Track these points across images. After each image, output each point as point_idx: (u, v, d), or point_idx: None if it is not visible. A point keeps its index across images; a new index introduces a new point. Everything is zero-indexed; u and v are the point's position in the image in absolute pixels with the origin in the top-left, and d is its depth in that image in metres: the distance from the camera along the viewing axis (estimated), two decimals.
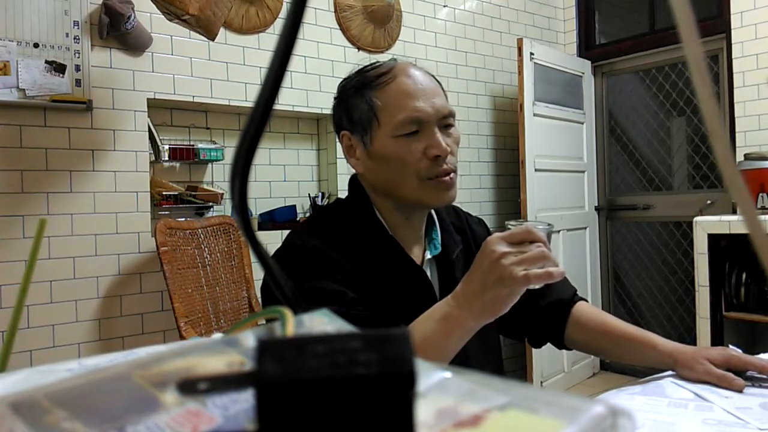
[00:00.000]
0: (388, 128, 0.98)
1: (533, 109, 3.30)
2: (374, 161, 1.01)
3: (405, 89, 0.98)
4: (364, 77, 1.02)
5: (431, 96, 0.99)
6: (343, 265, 0.97)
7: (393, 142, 0.98)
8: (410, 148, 0.97)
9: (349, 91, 1.03)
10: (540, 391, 0.28)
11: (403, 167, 0.98)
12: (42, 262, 2.16)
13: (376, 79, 1.00)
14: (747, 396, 0.88)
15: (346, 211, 1.07)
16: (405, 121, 0.97)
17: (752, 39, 3.08)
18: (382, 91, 0.99)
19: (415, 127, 0.97)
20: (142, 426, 0.25)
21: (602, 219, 3.91)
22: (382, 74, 1.00)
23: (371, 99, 0.99)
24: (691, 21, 0.26)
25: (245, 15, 2.66)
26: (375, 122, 0.99)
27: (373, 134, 0.99)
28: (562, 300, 1.13)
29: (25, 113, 2.15)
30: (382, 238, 1.03)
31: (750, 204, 0.29)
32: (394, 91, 0.98)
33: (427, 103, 0.98)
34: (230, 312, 2.44)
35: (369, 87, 1.00)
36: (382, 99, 0.98)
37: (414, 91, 0.98)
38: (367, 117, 0.99)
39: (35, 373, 0.33)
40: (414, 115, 0.97)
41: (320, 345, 0.24)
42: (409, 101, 0.97)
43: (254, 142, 0.30)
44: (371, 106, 0.99)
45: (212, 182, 2.71)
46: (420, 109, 0.97)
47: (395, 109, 0.97)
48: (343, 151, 1.07)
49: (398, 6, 3.16)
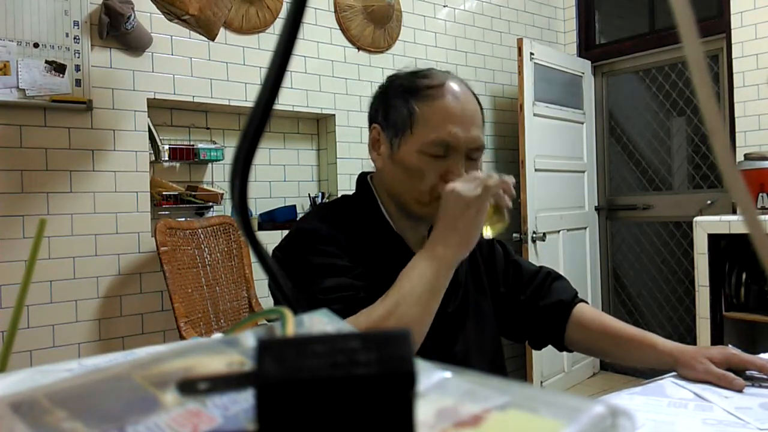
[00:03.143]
0: (418, 141, 0.97)
1: (533, 109, 3.30)
2: (394, 165, 1.01)
3: (448, 110, 0.97)
4: (414, 82, 1.00)
5: (470, 124, 0.98)
6: (349, 249, 0.98)
7: (418, 156, 0.97)
8: (431, 168, 0.97)
9: (394, 90, 1.02)
10: (540, 391, 0.28)
11: (418, 182, 0.98)
12: (42, 262, 2.16)
13: (425, 90, 0.99)
14: (747, 396, 0.88)
15: (352, 206, 1.07)
16: (436, 142, 0.96)
17: (752, 39, 3.08)
18: (425, 104, 0.98)
19: (443, 150, 0.97)
20: (142, 426, 0.25)
21: (602, 219, 3.91)
22: (432, 86, 0.99)
23: (413, 107, 0.98)
24: (691, 21, 0.26)
25: (245, 15, 2.66)
26: (408, 130, 0.98)
27: (403, 140, 0.99)
28: (563, 301, 1.13)
29: (25, 113, 2.15)
30: (387, 234, 1.03)
31: (750, 204, 0.29)
32: (437, 108, 0.97)
33: (463, 132, 0.97)
34: (230, 312, 2.44)
35: (415, 94, 0.99)
36: (423, 111, 0.98)
37: (455, 116, 0.97)
38: (403, 123, 0.99)
39: (35, 373, 0.33)
40: (446, 140, 0.96)
41: (320, 345, 0.24)
42: (448, 124, 0.97)
43: (254, 142, 0.30)
44: (410, 114, 0.98)
45: (212, 182, 2.71)
46: (454, 136, 0.96)
47: (432, 127, 0.97)
48: (369, 141, 1.06)
49: (398, 6, 3.16)
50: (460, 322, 1.06)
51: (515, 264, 1.18)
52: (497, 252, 1.18)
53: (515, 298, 1.15)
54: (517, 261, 1.19)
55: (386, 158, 1.02)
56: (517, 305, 1.15)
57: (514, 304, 1.15)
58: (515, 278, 1.17)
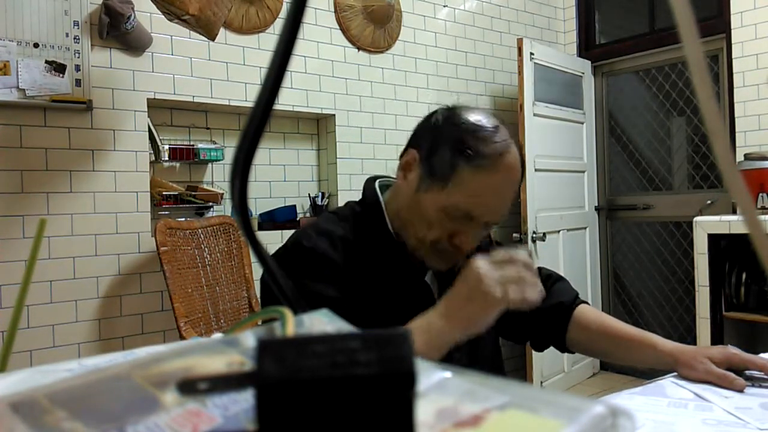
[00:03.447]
0: (446, 199, 0.94)
1: (533, 109, 3.30)
2: (414, 201, 0.98)
3: (492, 188, 0.94)
4: (473, 143, 0.93)
5: (503, 208, 0.97)
6: (345, 271, 0.97)
7: (438, 210, 0.95)
8: (445, 225, 0.96)
9: (450, 133, 0.96)
10: (540, 391, 0.28)
11: (427, 229, 0.97)
12: (42, 262, 2.16)
13: (478, 156, 0.92)
14: (747, 396, 0.88)
15: (357, 216, 1.06)
16: (463, 210, 0.94)
17: (752, 39, 3.08)
18: (473, 170, 0.92)
19: (465, 218, 0.95)
20: (142, 426, 0.25)
21: (602, 219, 3.91)
22: (487, 156, 0.93)
23: (458, 165, 0.93)
24: (691, 21, 0.26)
25: (245, 15, 2.66)
26: (443, 183, 0.95)
27: (432, 188, 0.96)
28: (564, 303, 1.13)
29: (25, 113, 2.15)
30: (390, 247, 1.03)
31: (750, 204, 0.29)
32: (482, 181, 0.93)
33: (494, 212, 0.96)
34: (230, 312, 2.44)
35: (466, 155, 0.93)
36: (466, 175, 0.93)
37: (496, 194, 0.95)
38: (442, 174, 0.95)
39: (35, 373, 0.33)
40: (474, 213, 0.94)
41: (320, 345, 0.24)
42: (484, 198, 0.94)
43: (254, 142, 0.30)
44: (452, 171, 0.93)
45: (212, 182, 2.71)
46: (483, 213, 0.94)
47: (467, 193, 0.93)
48: (400, 161, 1.02)
49: (398, 6, 3.16)
50: None
51: None
52: None
53: None
54: None
55: (410, 188, 0.99)
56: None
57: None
58: None
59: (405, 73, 3.22)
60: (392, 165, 1.17)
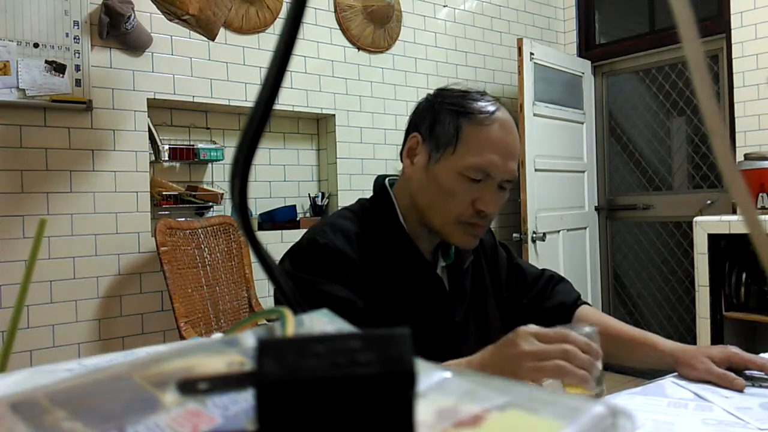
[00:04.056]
0: (458, 162, 0.97)
1: (533, 109, 3.30)
2: (428, 179, 1.00)
3: (495, 139, 0.98)
4: (466, 103, 1.00)
5: (510, 158, 0.99)
6: (360, 268, 0.97)
7: (454, 176, 0.98)
8: (465, 191, 0.98)
9: (444, 105, 1.01)
10: (540, 391, 0.28)
11: (448, 202, 0.98)
12: (42, 262, 2.16)
13: (476, 114, 0.98)
14: (747, 396, 0.88)
15: (369, 213, 1.07)
16: (477, 168, 0.97)
17: (752, 39, 3.08)
18: (474, 127, 0.98)
19: (481, 176, 0.97)
20: (142, 426, 0.25)
21: (602, 219, 3.91)
22: (484, 112, 0.99)
23: (461, 126, 0.98)
24: (691, 21, 0.26)
25: (245, 15, 2.66)
26: (451, 148, 0.98)
27: (443, 157, 0.99)
28: (565, 304, 1.14)
29: (25, 113, 2.15)
30: (403, 242, 1.03)
31: (750, 204, 0.29)
32: (485, 135, 0.97)
33: (504, 164, 0.98)
34: (230, 312, 2.44)
35: (466, 115, 0.98)
36: (470, 133, 0.97)
37: (500, 146, 0.98)
38: (447, 139, 0.98)
39: (35, 373, 0.33)
40: (487, 169, 0.97)
41: (320, 345, 0.24)
42: (492, 153, 0.97)
43: (254, 142, 0.30)
44: (457, 133, 0.98)
45: (212, 182, 2.71)
46: (495, 166, 0.97)
47: (476, 151, 0.97)
48: (404, 148, 1.05)
49: (398, 6, 3.16)
50: (466, 331, 1.07)
51: (518, 268, 1.19)
52: (501, 256, 1.19)
53: (518, 302, 1.16)
54: (520, 265, 1.20)
55: (421, 169, 1.01)
56: (519, 309, 1.16)
57: (517, 308, 1.16)
58: (518, 282, 1.18)
59: (405, 73, 3.22)
60: (392, 165, 1.17)
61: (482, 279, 1.14)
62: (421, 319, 1.01)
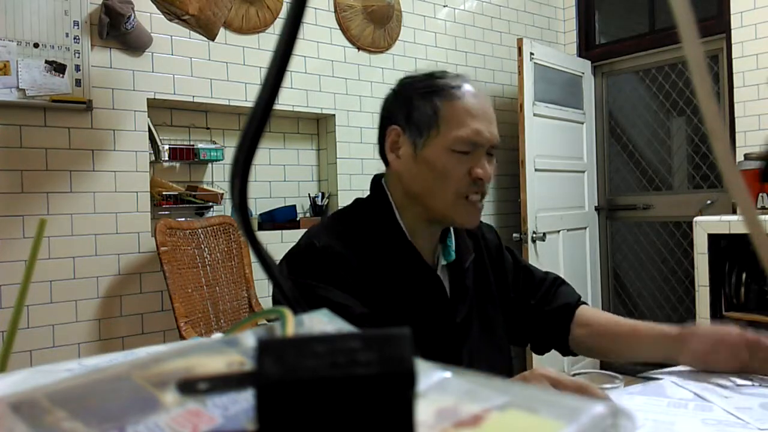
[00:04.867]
0: (446, 140, 0.98)
1: (533, 109, 3.30)
2: (419, 165, 1.01)
3: (472, 108, 1.00)
4: (435, 83, 1.02)
5: (490, 122, 1.01)
6: (358, 270, 0.97)
7: (446, 154, 0.99)
8: (458, 166, 0.99)
9: (415, 91, 1.02)
10: (540, 391, 0.28)
11: (445, 180, 0.99)
12: (42, 262, 2.16)
13: (448, 89, 1.00)
14: (747, 396, 0.88)
15: (366, 213, 1.07)
16: (464, 140, 0.98)
17: (752, 39, 3.08)
18: (450, 102, 0.99)
19: (470, 147, 0.99)
20: (142, 426, 0.25)
21: (602, 219, 3.91)
22: (453, 86, 1.01)
23: (438, 105, 0.99)
24: (691, 21, 0.26)
25: (245, 15, 2.66)
26: (435, 129, 0.99)
27: (429, 140, 1.00)
28: (569, 304, 1.14)
29: (25, 113, 2.15)
30: (401, 243, 1.03)
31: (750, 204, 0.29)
32: (461, 106, 0.99)
33: (488, 129, 1.00)
34: (230, 312, 2.44)
35: (439, 94, 1.00)
36: (448, 109, 0.99)
37: (480, 113, 1.00)
38: (429, 122, 1.00)
39: (35, 373, 0.33)
40: (474, 138, 0.98)
41: (320, 345, 0.24)
42: (473, 121, 0.99)
43: (254, 142, 0.30)
44: (436, 113, 0.99)
45: (212, 182, 2.71)
46: (480, 132, 0.99)
47: (459, 124, 0.98)
48: (386, 144, 1.05)
49: (398, 6, 3.16)
50: (468, 332, 1.07)
51: (526, 270, 1.20)
52: (506, 259, 1.19)
53: (525, 303, 1.16)
54: (528, 267, 1.22)
55: (409, 160, 1.02)
56: (525, 310, 1.16)
57: (523, 309, 1.16)
58: (525, 283, 1.18)
59: (405, 74, 3.21)
60: None
61: (486, 278, 1.13)
62: (421, 320, 1.00)
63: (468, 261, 1.10)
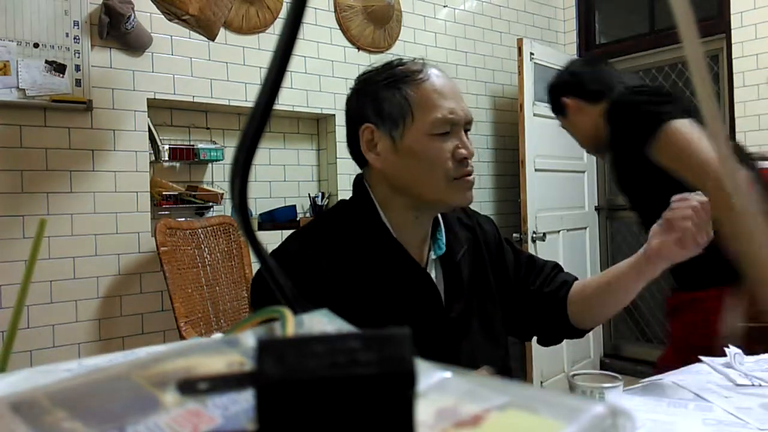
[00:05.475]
0: (423, 125, 0.97)
1: (533, 109, 3.30)
2: (401, 157, 0.99)
3: (440, 89, 0.99)
4: (397, 72, 1.00)
5: (461, 99, 1.01)
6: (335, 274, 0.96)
7: (427, 140, 0.97)
8: (440, 148, 0.98)
9: (377, 84, 1.01)
10: (540, 391, 0.28)
11: (432, 166, 0.98)
12: (42, 262, 2.16)
13: (412, 75, 0.99)
14: (747, 396, 0.88)
15: (349, 214, 1.05)
16: (441, 121, 0.97)
17: (752, 39, 3.08)
18: (418, 88, 0.98)
19: (448, 127, 0.98)
20: (142, 426, 0.25)
21: (602, 219, 3.91)
22: (416, 71, 1.00)
23: (407, 93, 0.98)
24: (691, 21, 0.26)
25: (245, 15, 2.66)
26: (409, 117, 0.98)
27: (406, 129, 0.98)
28: (566, 281, 1.16)
29: (25, 113, 2.15)
30: (386, 240, 1.01)
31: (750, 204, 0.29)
32: (429, 90, 0.98)
33: (459, 105, 1.00)
34: (230, 312, 2.44)
35: (404, 82, 0.99)
36: (418, 94, 0.98)
37: (449, 92, 1.00)
38: (401, 111, 0.98)
39: (35, 373, 0.33)
40: (449, 117, 0.98)
41: (320, 345, 0.24)
42: (445, 101, 0.98)
43: (254, 142, 0.30)
44: (407, 100, 0.98)
45: (212, 182, 2.71)
46: (454, 111, 0.98)
47: (432, 108, 0.97)
48: (362, 145, 1.02)
49: (398, 6, 3.16)
50: (465, 328, 1.05)
51: (528, 259, 1.20)
52: (507, 253, 1.18)
53: (526, 290, 1.16)
54: (531, 256, 1.22)
55: (389, 154, 1.00)
56: (526, 296, 1.15)
57: (525, 296, 1.16)
58: (528, 271, 1.18)
59: None
60: None
61: (483, 271, 1.12)
62: (411, 318, 0.98)
63: (459, 254, 1.08)
